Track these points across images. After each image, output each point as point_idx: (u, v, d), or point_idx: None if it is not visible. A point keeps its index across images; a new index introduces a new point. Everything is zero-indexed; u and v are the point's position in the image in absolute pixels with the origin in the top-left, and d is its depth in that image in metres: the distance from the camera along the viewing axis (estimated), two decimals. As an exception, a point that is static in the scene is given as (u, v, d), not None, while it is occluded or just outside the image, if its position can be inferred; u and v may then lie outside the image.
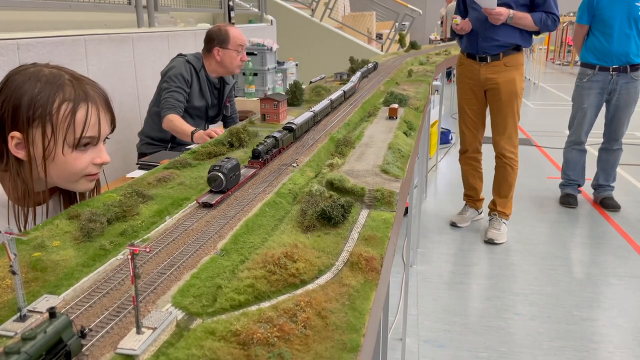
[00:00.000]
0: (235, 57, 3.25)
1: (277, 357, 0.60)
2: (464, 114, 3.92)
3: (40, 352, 0.51)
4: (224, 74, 3.34)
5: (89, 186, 1.38)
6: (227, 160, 1.13)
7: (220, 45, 3.20)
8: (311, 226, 0.99)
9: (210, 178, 1.09)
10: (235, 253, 0.87)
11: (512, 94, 3.62)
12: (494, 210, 3.92)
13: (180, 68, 3.10)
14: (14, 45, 2.61)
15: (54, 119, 1.24)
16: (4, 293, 0.74)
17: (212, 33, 3.25)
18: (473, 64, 3.72)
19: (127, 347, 0.60)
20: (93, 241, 0.92)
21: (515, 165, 3.79)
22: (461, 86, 3.90)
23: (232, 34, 3.23)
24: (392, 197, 1.13)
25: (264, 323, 0.66)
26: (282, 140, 1.45)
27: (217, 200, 1.07)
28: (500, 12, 3.37)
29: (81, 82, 1.31)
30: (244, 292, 0.74)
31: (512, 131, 3.71)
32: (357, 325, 0.68)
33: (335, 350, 0.63)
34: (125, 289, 0.74)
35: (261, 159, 1.32)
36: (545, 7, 3.44)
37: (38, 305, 0.69)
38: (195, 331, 0.65)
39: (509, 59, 3.59)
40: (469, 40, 3.70)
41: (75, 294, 0.73)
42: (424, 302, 3.05)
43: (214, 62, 3.24)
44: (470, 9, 3.65)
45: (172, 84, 3.05)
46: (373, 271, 0.83)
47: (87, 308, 0.69)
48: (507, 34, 3.51)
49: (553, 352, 2.58)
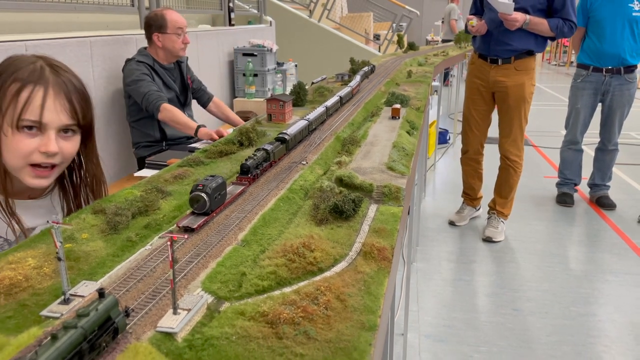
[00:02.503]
0: (176, 40, 3.23)
1: (303, 334, 0.66)
2: (469, 114, 3.91)
3: (93, 328, 0.57)
4: (170, 59, 3.33)
5: (35, 182, 1.32)
6: (211, 178, 1.02)
7: (158, 30, 3.19)
8: (324, 219, 1.05)
9: (193, 199, 0.98)
10: (255, 244, 0.92)
11: (520, 98, 3.61)
12: (493, 208, 3.97)
13: (138, 70, 3.10)
14: (21, 47, 2.65)
15: (1, 95, 1.25)
16: (43, 280, 0.80)
17: (149, 19, 3.23)
18: (484, 65, 3.70)
19: (166, 326, 0.65)
20: (120, 233, 0.98)
21: (518, 168, 3.80)
22: (470, 86, 3.87)
23: (169, 18, 3.20)
24: (399, 192, 1.19)
25: (288, 305, 0.72)
26: (273, 153, 1.34)
27: (199, 224, 0.96)
28: (516, 19, 3.33)
29: (52, 69, 1.30)
30: (266, 279, 0.80)
31: (517, 135, 3.71)
32: (373, 308, 0.74)
33: (355, 329, 0.69)
34: (157, 276, 0.79)
35: (250, 175, 1.22)
36: (563, 13, 3.39)
37: (78, 290, 0.74)
38: (226, 312, 0.70)
39: (520, 63, 3.57)
40: (482, 41, 3.67)
41: (111, 280, 0.78)
42: (424, 298, 3.11)
43: (158, 49, 3.24)
44: (487, 10, 3.61)
45: (142, 83, 3.05)
46: (385, 260, 0.89)
47: (124, 292, 0.74)
48: (522, 39, 3.48)
49: (551, 346, 2.65)
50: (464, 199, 4.24)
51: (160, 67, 3.26)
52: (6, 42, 2.56)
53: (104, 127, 3.32)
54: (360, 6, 11.29)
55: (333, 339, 0.66)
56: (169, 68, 3.33)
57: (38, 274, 0.81)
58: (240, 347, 0.64)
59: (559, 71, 16.09)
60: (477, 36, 3.70)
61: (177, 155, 2.64)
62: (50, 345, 0.52)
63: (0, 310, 0.72)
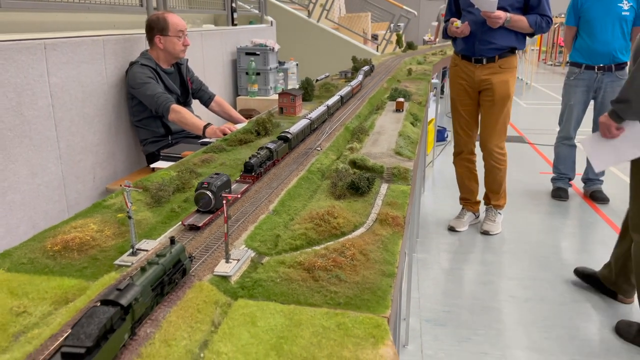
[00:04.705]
0: (177, 42, 3.34)
1: (335, 277, 0.79)
2: (458, 114, 3.97)
3: (170, 265, 0.70)
4: (172, 60, 3.45)
5: None
6: (216, 176, 1.03)
7: (160, 33, 3.30)
8: (342, 195, 1.18)
9: (198, 197, 0.99)
10: (284, 213, 1.06)
11: (505, 95, 3.71)
12: (488, 202, 4.07)
13: (143, 73, 3.22)
14: (41, 45, 2.78)
15: None
16: (107, 240, 0.93)
17: (151, 22, 3.33)
18: (468, 66, 3.76)
19: (221, 271, 0.79)
20: (162, 206, 1.11)
21: (502, 163, 3.87)
22: (455, 87, 3.93)
23: (171, 21, 3.32)
24: (407, 173, 1.32)
25: (320, 257, 0.85)
26: (276, 151, 1.35)
27: (204, 222, 0.96)
28: (499, 16, 3.40)
29: None
30: (298, 239, 0.93)
31: (501, 130, 3.80)
32: (391, 260, 0.88)
33: (377, 275, 0.82)
34: (205, 236, 0.92)
35: (254, 173, 1.23)
36: (539, 9, 3.51)
37: (142, 246, 0.87)
38: (269, 262, 0.84)
39: (504, 61, 3.66)
40: (465, 43, 3.73)
41: (167, 240, 0.92)
42: (425, 286, 3.24)
43: (159, 50, 3.35)
44: (466, 12, 3.70)
45: (148, 85, 3.18)
46: (398, 226, 1.02)
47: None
48: (504, 37, 3.58)
49: (545, 329, 2.79)
50: (463, 205, 4.23)
51: (161, 70, 3.38)
52: (27, 41, 2.68)
53: (115, 123, 3.45)
54: (358, 6, 11.44)
55: (360, 281, 0.79)
56: (169, 71, 3.46)
57: (101, 236, 0.94)
58: (284, 287, 0.77)
59: (555, 71, 16.27)
60: (459, 39, 3.76)
61: (190, 148, 2.76)
62: (141, 274, 0.65)
63: (77, 263, 0.85)
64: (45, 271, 0.82)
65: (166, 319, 0.65)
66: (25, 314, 0.70)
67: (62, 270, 0.83)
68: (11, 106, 2.54)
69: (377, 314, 0.72)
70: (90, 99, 3.12)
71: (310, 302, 0.74)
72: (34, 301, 0.73)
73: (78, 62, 3.03)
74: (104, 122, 3.29)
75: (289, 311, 0.71)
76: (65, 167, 2.93)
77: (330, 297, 0.75)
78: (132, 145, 3.64)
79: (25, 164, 2.63)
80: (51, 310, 0.71)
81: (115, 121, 3.44)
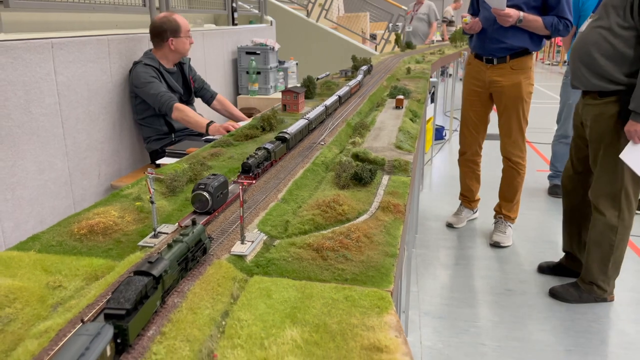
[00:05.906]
0: (186, 42, 3.42)
1: (342, 257, 0.86)
2: (466, 114, 3.88)
3: (192, 244, 0.77)
4: (177, 60, 3.51)
5: None
6: (213, 177, 1.02)
7: (173, 35, 3.34)
8: (346, 185, 1.25)
9: (195, 197, 0.97)
10: (292, 202, 1.12)
11: (517, 98, 3.53)
12: (499, 213, 3.94)
13: (147, 73, 3.27)
14: (48, 44, 2.84)
15: None
16: (129, 225, 0.99)
17: (163, 24, 3.36)
18: (480, 65, 3.63)
19: (238, 251, 0.86)
20: (177, 195, 1.17)
21: (521, 169, 3.77)
22: (467, 86, 3.83)
23: (182, 22, 3.38)
24: (407, 165, 1.39)
25: (328, 239, 0.92)
26: (274, 152, 1.35)
27: (201, 224, 0.91)
28: (509, 14, 3.22)
29: None
30: (307, 224, 1.00)
31: (517, 135, 3.67)
32: (393, 243, 0.94)
33: (380, 255, 0.89)
34: (220, 221, 0.99)
35: (252, 174, 1.22)
36: (558, 10, 3.27)
37: (162, 229, 0.94)
38: (281, 244, 0.91)
39: (516, 62, 3.47)
40: (477, 41, 3.60)
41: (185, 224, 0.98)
42: (423, 280, 3.31)
43: (168, 51, 3.39)
44: (482, 8, 3.53)
45: (152, 85, 3.23)
46: (399, 213, 1.09)
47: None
48: (516, 36, 3.38)
49: (541, 321, 2.86)
50: (461, 201, 4.25)
51: (164, 70, 3.44)
52: (35, 40, 2.75)
53: (119, 121, 3.51)
54: (357, 6, 11.52)
55: (365, 260, 0.86)
56: (172, 71, 3.52)
57: (122, 221, 1.01)
58: (295, 265, 0.84)
59: (552, 70, 16.37)
60: (473, 36, 3.66)
61: (195, 144, 2.83)
62: (168, 250, 0.72)
63: (102, 245, 0.92)
64: (74, 252, 0.89)
65: (191, 291, 0.72)
66: (61, 288, 0.76)
67: (90, 252, 0.89)
68: (20, 104, 2.60)
69: (381, 288, 0.79)
70: (95, 97, 3.19)
71: (320, 278, 0.81)
72: (67, 277, 0.80)
73: (84, 61, 3.09)
74: (109, 120, 3.35)
75: (300, 286, 0.78)
76: (71, 164, 2.99)
77: (338, 274, 0.82)
78: (135, 142, 3.71)
79: (33, 161, 2.69)
80: (83, 285, 0.78)
81: (119, 119, 3.50)
